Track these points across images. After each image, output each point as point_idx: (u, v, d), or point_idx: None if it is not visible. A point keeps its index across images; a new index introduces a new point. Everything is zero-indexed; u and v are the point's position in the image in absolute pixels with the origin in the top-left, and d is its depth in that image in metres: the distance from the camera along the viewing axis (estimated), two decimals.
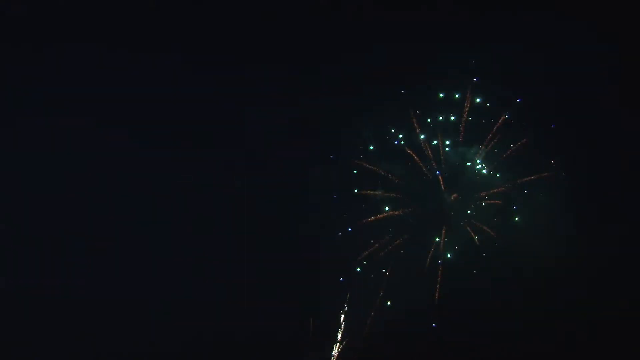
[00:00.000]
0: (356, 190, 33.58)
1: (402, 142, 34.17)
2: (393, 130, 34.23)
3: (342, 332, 33.03)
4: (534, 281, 32.98)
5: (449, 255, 33.35)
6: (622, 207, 33.47)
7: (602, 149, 33.12)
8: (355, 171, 34.14)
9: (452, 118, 34.08)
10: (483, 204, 34.24)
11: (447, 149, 34.40)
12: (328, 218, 33.94)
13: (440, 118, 34.18)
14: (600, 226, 32.96)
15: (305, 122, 33.52)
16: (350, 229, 33.74)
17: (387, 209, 33.92)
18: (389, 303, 32.84)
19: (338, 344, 32.91)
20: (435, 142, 34.00)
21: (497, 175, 34.35)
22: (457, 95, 34.09)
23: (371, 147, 34.13)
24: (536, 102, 34.12)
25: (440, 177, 34.32)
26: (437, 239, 33.32)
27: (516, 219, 33.43)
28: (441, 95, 34.20)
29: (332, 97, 33.56)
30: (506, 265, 33.56)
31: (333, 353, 32.60)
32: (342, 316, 33.12)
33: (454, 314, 33.33)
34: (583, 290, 32.48)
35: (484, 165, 34.60)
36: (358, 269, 33.48)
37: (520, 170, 34.28)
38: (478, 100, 34.19)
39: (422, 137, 33.83)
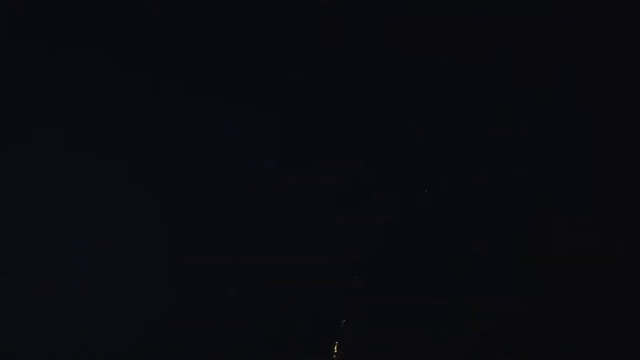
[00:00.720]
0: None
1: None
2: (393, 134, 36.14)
3: (342, 333, 33.59)
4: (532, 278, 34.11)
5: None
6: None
7: (602, 150, 34.02)
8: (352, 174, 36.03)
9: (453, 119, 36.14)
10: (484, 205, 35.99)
11: (448, 152, 35.97)
12: (328, 218, 34.93)
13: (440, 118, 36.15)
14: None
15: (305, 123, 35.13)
16: (351, 229, 35.24)
17: (388, 210, 35.69)
18: (389, 303, 34.45)
19: (338, 344, 33.43)
20: (435, 143, 35.65)
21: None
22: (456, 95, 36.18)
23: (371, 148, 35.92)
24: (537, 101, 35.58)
25: (440, 183, 34.85)
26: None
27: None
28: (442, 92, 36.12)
29: (333, 97, 34.51)
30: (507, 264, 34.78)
31: (333, 353, 33.08)
32: (343, 319, 33.73)
33: (455, 315, 34.53)
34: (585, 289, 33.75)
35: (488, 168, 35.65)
36: (358, 270, 34.64)
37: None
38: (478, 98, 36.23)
39: (421, 139, 35.39)
